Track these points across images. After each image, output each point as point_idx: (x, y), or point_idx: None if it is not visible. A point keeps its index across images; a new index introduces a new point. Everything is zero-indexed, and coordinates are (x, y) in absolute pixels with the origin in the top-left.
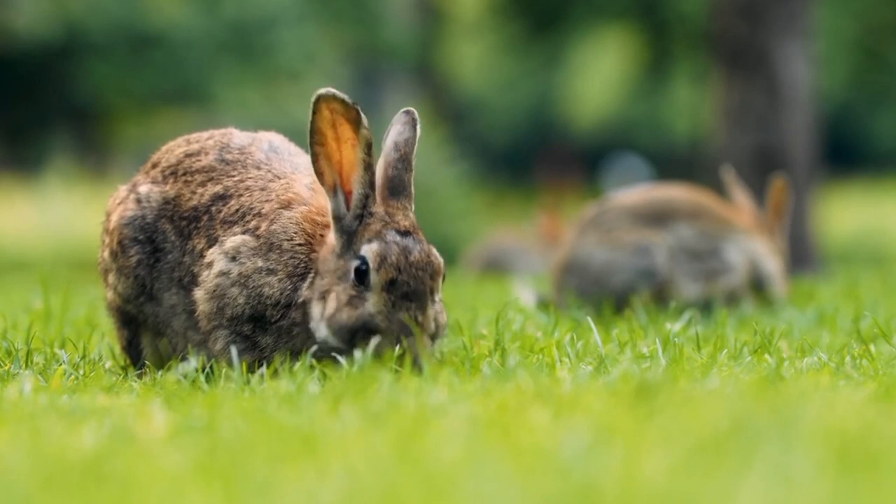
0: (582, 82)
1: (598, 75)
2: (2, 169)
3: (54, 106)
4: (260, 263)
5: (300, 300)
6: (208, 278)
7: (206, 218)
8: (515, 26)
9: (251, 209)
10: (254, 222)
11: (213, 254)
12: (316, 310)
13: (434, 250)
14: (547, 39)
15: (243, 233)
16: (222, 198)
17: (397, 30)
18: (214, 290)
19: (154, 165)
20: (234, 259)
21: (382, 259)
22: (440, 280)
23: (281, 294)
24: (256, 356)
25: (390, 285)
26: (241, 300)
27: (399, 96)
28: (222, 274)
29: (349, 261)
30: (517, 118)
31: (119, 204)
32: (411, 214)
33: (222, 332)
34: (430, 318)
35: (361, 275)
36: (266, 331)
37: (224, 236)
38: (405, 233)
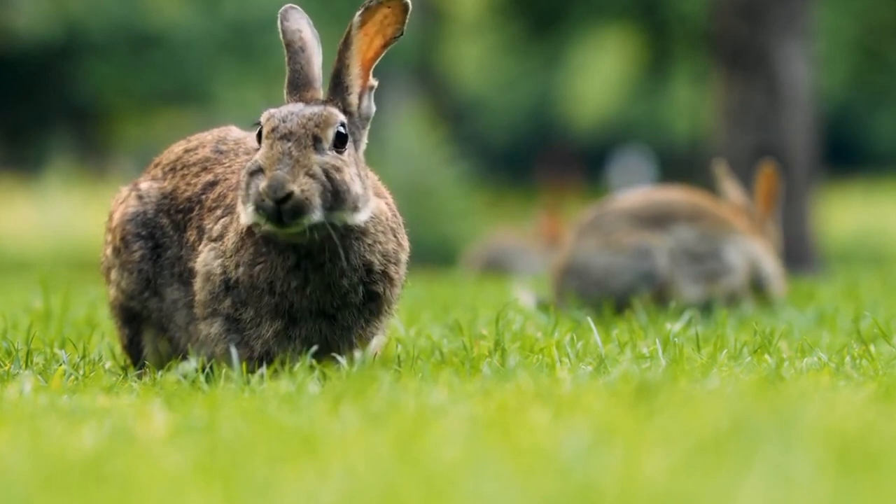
0: (582, 82)
1: (598, 75)
2: (2, 169)
3: (54, 106)
4: (232, 234)
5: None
6: (200, 265)
7: (197, 208)
8: (515, 26)
9: (230, 187)
10: (230, 197)
11: (202, 244)
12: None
13: (333, 109)
14: (547, 39)
15: (223, 214)
16: (212, 185)
17: None
18: (201, 272)
19: (156, 165)
20: (220, 238)
21: (270, 115)
22: (330, 131)
23: (232, 243)
24: (247, 350)
25: (272, 132)
26: (218, 270)
27: (399, 96)
28: (212, 249)
29: None
30: (517, 118)
31: (121, 203)
32: (322, 100)
33: (209, 319)
34: (312, 159)
35: (259, 136)
36: (242, 301)
37: (209, 224)
38: (304, 102)
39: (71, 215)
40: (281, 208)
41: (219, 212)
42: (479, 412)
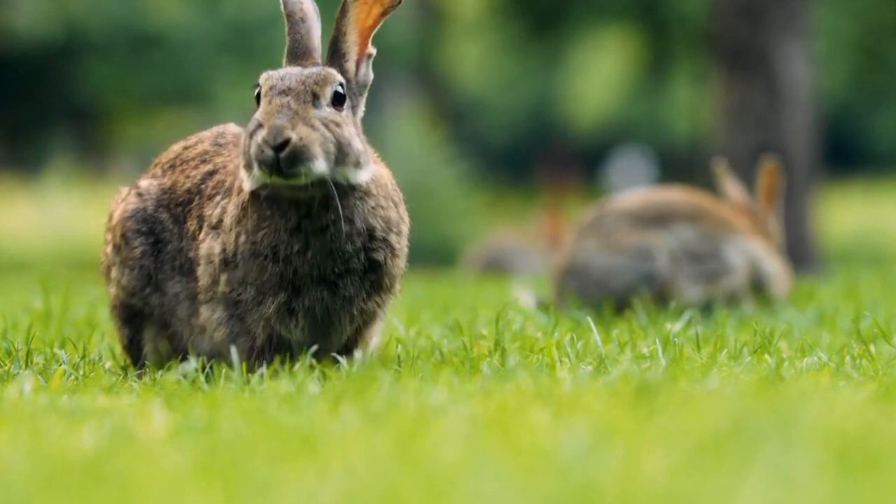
0: (582, 82)
1: (598, 75)
2: (2, 169)
3: (54, 106)
4: (232, 209)
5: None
6: (203, 251)
7: (197, 198)
8: (515, 26)
9: (229, 173)
10: (229, 181)
11: (203, 233)
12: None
13: (331, 70)
14: (547, 39)
15: (222, 199)
16: (211, 174)
17: (397, 30)
18: (203, 257)
19: (155, 165)
20: (219, 223)
21: (269, 76)
22: (328, 89)
23: (231, 217)
24: (248, 339)
25: (271, 89)
26: (217, 249)
27: (399, 96)
28: (214, 236)
29: None
30: (517, 118)
31: (121, 202)
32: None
33: (211, 303)
34: (311, 112)
35: (258, 97)
36: (240, 280)
37: (209, 211)
38: (300, 65)
39: (71, 215)
40: (279, 156)
41: (218, 198)
42: (479, 412)
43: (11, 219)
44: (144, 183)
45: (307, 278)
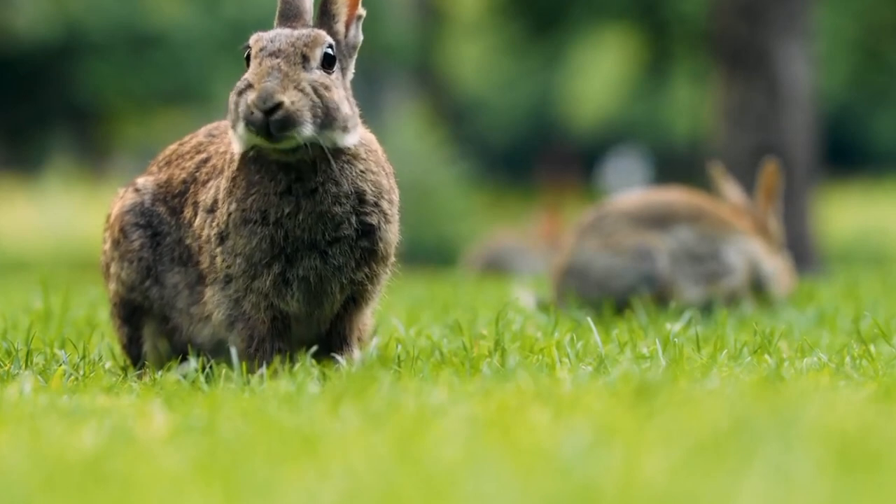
0: (582, 82)
1: (598, 75)
2: (2, 169)
3: (54, 106)
4: (224, 183)
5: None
6: (204, 236)
7: (192, 186)
8: (515, 26)
9: (221, 155)
10: (220, 163)
11: (198, 218)
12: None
13: (321, 31)
14: (547, 39)
15: (214, 180)
16: (205, 161)
17: (397, 30)
18: (203, 239)
19: (152, 164)
20: (213, 205)
21: (259, 37)
22: (318, 50)
23: (223, 191)
24: (247, 328)
25: (261, 51)
26: (213, 223)
27: (399, 96)
28: (208, 213)
29: None
30: (517, 118)
31: (119, 200)
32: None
33: (213, 285)
34: (301, 75)
35: (247, 58)
36: (231, 250)
37: (202, 196)
38: (291, 27)
39: (71, 215)
40: (269, 119)
41: (211, 181)
42: (479, 412)
43: (11, 219)
44: (141, 180)
45: (299, 244)
